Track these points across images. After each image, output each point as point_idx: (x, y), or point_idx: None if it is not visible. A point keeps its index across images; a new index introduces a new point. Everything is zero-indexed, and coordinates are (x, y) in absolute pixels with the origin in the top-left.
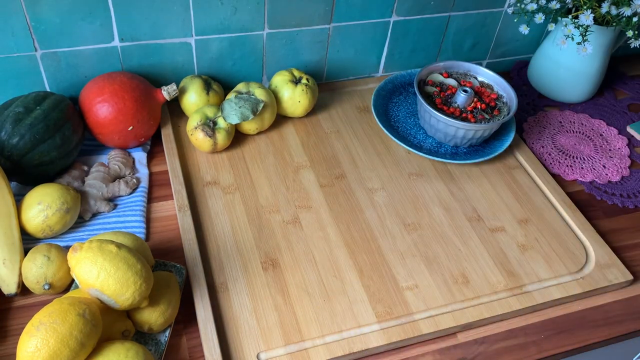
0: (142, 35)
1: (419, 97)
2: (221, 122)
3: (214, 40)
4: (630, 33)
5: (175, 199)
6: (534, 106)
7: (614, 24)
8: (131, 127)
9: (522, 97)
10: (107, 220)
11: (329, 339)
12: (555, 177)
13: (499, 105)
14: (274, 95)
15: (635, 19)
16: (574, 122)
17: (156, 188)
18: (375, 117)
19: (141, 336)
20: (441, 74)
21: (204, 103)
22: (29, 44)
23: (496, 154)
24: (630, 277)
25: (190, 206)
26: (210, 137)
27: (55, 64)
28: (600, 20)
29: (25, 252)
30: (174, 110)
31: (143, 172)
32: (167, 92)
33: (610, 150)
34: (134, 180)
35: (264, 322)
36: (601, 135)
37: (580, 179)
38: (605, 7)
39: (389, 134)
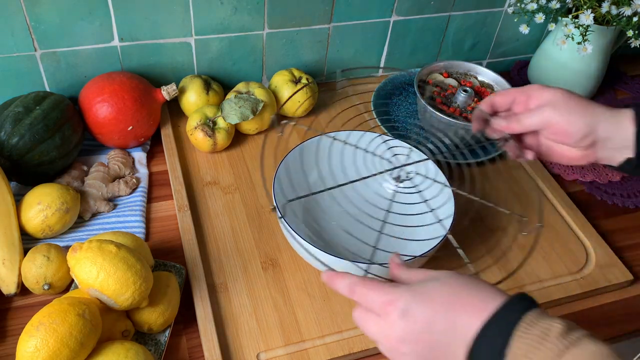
0: (142, 35)
1: (419, 97)
2: (221, 122)
3: (213, 40)
4: (630, 33)
5: (175, 199)
6: None
7: (614, 23)
8: (131, 127)
9: None
10: (106, 220)
11: (328, 339)
12: (556, 177)
13: None
14: (274, 95)
15: (635, 19)
16: None
17: (156, 188)
18: (376, 117)
19: (141, 336)
20: (441, 73)
21: (204, 103)
22: (29, 44)
23: (496, 154)
24: (631, 277)
25: (190, 206)
26: (210, 137)
27: (54, 64)
28: (600, 20)
29: (25, 252)
30: (174, 110)
31: (143, 172)
32: (166, 92)
33: None
34: (134, 180)
35: (263, 322)
36: None
37: (581, 179)
38: (605, 7)
39: (389, 134)
